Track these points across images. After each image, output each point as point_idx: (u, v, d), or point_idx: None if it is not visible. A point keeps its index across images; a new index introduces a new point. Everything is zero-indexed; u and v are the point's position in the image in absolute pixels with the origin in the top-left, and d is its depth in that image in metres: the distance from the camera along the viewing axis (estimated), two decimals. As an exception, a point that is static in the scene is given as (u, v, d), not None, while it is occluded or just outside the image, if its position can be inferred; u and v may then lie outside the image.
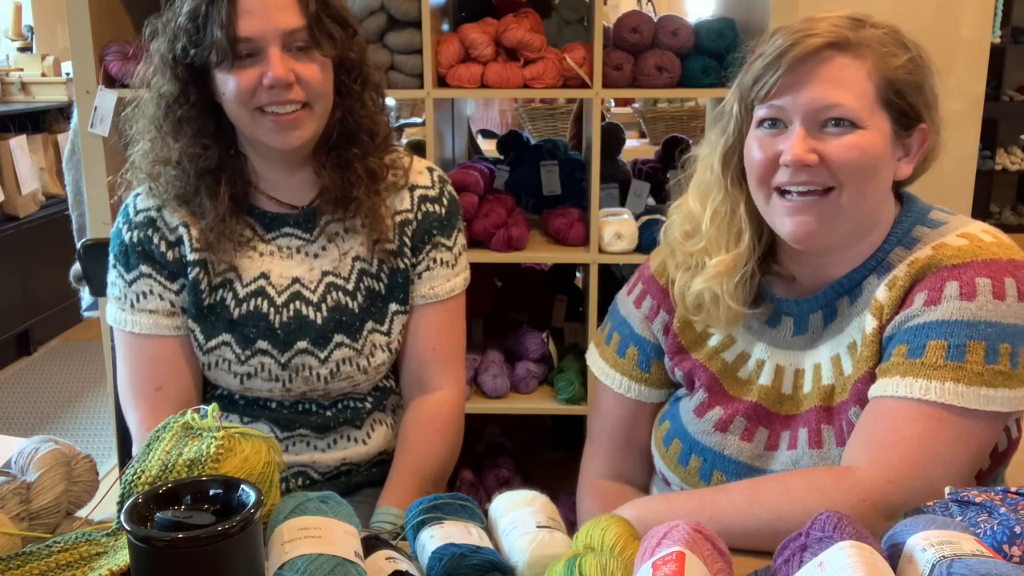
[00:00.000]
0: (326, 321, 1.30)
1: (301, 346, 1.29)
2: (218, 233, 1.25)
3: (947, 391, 0.96)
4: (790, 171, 1.02)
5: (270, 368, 1.28)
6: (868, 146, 1.01)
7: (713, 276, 1.12)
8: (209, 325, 1.29)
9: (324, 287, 1.31)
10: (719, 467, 1.13)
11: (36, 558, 0.84)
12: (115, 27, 2.11)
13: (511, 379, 2.23)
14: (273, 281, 1.30)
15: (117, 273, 1.30)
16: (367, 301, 1.32)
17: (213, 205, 1.24)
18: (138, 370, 1.29)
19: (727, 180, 1.12)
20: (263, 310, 1.29)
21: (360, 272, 1.32)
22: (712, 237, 1.13)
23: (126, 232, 1.30)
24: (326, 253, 1.31)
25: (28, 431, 3.27)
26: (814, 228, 1.03)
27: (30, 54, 4.54)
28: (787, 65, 1.01)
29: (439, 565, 0.83)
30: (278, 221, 1.31)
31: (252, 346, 1.28)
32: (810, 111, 1.01)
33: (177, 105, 1.23)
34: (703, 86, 2.07)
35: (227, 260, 1.28)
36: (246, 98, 1.18)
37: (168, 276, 1.29)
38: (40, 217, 4.14)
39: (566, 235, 2.16)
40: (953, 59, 3.10)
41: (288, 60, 1.18)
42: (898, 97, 1.03)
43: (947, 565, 0.69)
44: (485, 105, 4.19)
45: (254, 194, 1.31)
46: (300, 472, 1.33)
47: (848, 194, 1.02)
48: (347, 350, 1.31)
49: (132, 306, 1.29)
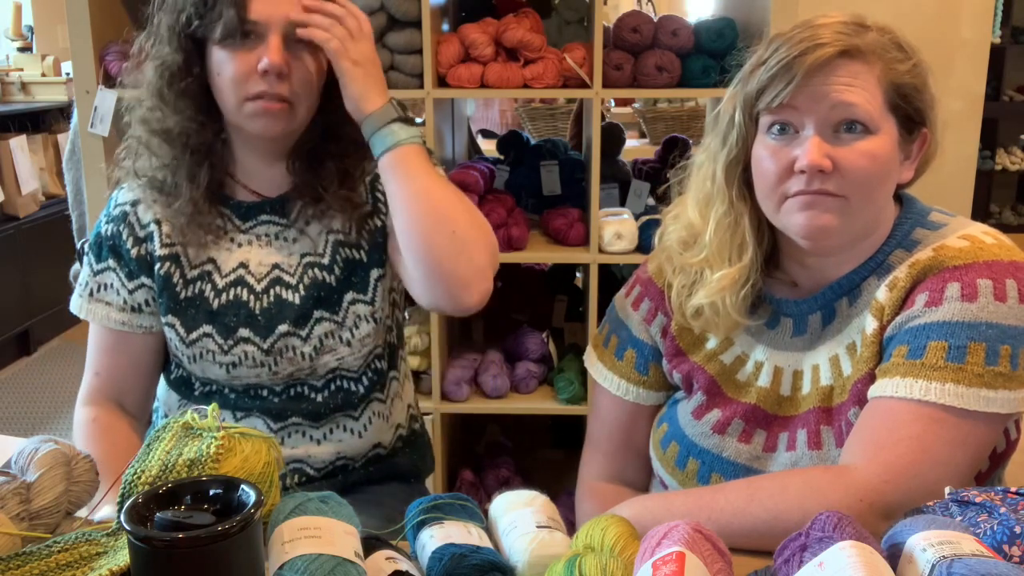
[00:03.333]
0: (304, 300, 1.30)
1: (282, 329, 1.29)
2: (188, 217, 1.26)
3: (947, 392, 0.96)
4: (806, 178, 1.01)
5: (254, 355, 1.29)
6: (879, 153, 1.01)
7: (717, 291, 1.11)
8: (189, 318, 1.30)
9: (302, 268, 1.32)
10: (717, 469, 1.13)
11: (36, 558, 0.84)
12: (115, 27, 2.11)
13: (511, 379, 2.23)
14: (252, 270, 1.31)
15: (88, 262, 1.35)
16: (345, 272, 1.32)
17: (189, 188, 1.26)
18: (89, 352, 1.36)
19: (732, 192, 1.10)
20: (243, 298, 1.30)
21: (336, 244, 1.32)
22: (715, 250, 1.11)
23: (104, 224, 1.34)
24: (304, 235, 1.32)
25: (28, 431, 3.27)
26: (827, 223, 1.02)
27: (30, 54, 4.54)
28: (800, 75, 1.00)
29: (439, 565, 0.83)
30: (254, 210, 1.32)
31: (234, 335, 1.29)
32: (823, 117, 1.01)
33: (180, 76, 1.23)
34: (703, 86, 2.07)
35: (204, 253, 1.30)
36: (239, 82, 1.19)
37: (128, 274, 1.32)
38: (40, 217, 4.15)
39: (566, 235, 2.17)
40: (953, 59, 3.10)
41: (285, 52, 1.19)
42: (904, 102, 1.03)
43: (947, 565, 0.69)
44: (485, 105, 4.19)
45: (230, 184, 1.32)
46: (296, 468, 1.34)
47: (858, 200, 1.02)
48: (328, 324, 1.31)
49: (91, 295, 1.33)
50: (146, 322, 1.33)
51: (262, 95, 1.19)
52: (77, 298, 1.35)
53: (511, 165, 2.61)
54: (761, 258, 1.12)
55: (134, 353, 1.35)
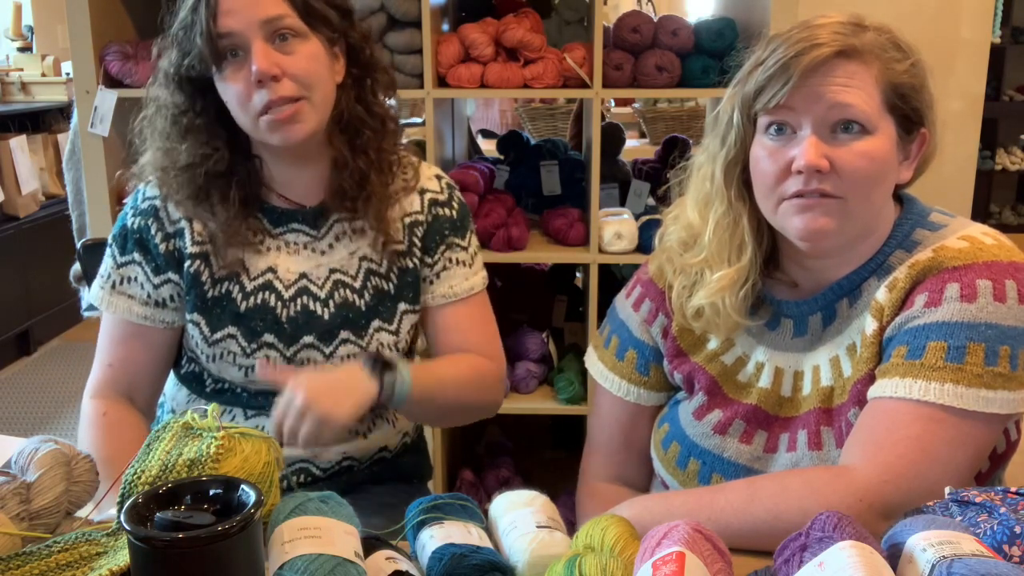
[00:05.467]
0: (332, 317, 1.30)
1: (307, 340, 1.29)
2: (227, 236, 1.26)
3: (946, 392, 0.96)
4: (803, 178, 1.01)
5: (275, 361, 1.29)
6: (877, 153, 1.01)
7: (716, 291, 1.11)
8: (215, 318, 1.29)
9: (331, 284, 1.31)
10: (718, 470, 1.13)
11: (36, 558, 0.84)
12: (115, 27, 2.12)
13: (511, 379, 2.23)
14: (280, 275, 1.30)
15: (111, 253, 1.33)
16: (375, 300, 1.32)
17: (224, 208, 1.25)
18: (101, 343, 1.34)
19: (731, 192, 1.11)
20: (271, 304, 1.29)
21: (368, 272, 1.32)
22: (714, 250, 1.12)
23: (130, 217, 1.32)
24: (333, 251, 1.32)
25: (28, 431, 3.27)
26: (824, 225, 1.02)
27: (30, 54, 4.54)
28: (797, 76, 1.00)
29: (439, 565, 0.83)
30: (286, 217, 1.31)
31: (258, 339, 1.29)
32: (820, 117, 1.01)
33: (183, 116, 1.23)
34: (703, 86, 2.07)
35: (235, 255, 1.29)
36: (243, 102, 1.18)
37: (155, 269, 1.30)
38: (40, 217, 4.14)
39: (566, 235, 2.17)
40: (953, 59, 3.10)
41: (272, 53, 1.17)
42: (902, 102, 1.03)
43: (947, 565, 0.69)
44: (485, 105, 4.19)
45: (266, 193, 1.31)
46: (301, 468, 1.33)
47: (855, 201, 1.02)
48: (352, 346, 1.31)
49: (113, 287, 1.31)
50: (169, 317, 1.32)
51: (269, 106, 1.17)
52: (98, 289, 1.33)
53: (511, 165, 2.61)
54: (761, 259, 1.12)
55: (152, 347, 1.33)
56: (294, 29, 1.19)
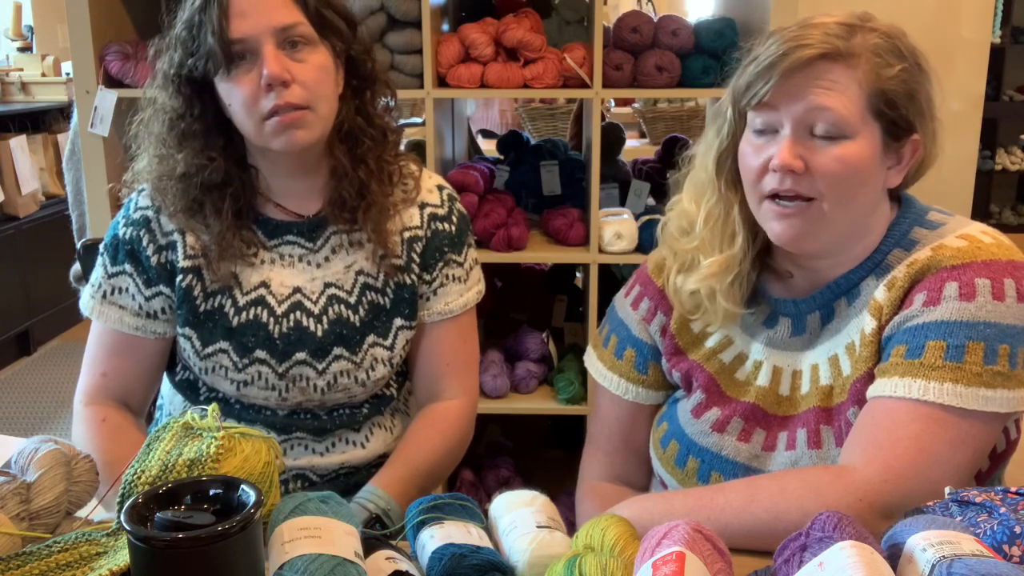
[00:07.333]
0: (326, 333, 1.29)
1: (299, 357, 1.28)
2: (220, 250, 1.25)
3: (945, 392, 0.96)
4: (778, 176, 1.02)
5: (267, 377, 1.28)
6: (853, 158, 1.01)
7: (706, 276, 1.12)
8: (206, 332, 1.28)
9: (326, 299, 1.30)
10: (717, 468, 1.13)
11: (36, 558, 0.84)
12: (115, 27, 2.12)
13: (511, 379, 2.23)
14: (274, 290, 1.29)
15: (102, 262, 1.32)
16: (370, 315, 1.31)
17: (218, 220, 1.24)
18: (93, 351, 1.34)
19: (721, 183, 1.12)
20: (263, 320, 1.28)
21: (363, 286, 1.31)
22: (706, 238, 1.13)
23: (122, 227, 1.30)
24: (329, 264, 1.30)
25: (28, 431, 3.27)
26: (800, 232, 1.04)
27: (30, 54, 4.54)
28: (778, 75, 1.01)
29: (439, 565, 0.83)
30: (282, 229, 1.30)
31: (250, 355, 1.27)
32: (799, 118, 1.01)
33: (181, 120, 1.22)
34: (703, 86, 2.07)
35: (227, 268, 1.27)
36: (250, 105, 1.17)
37: (146, 281, 1.29)
38: (40, 217, 4.15)
39: (566, 235, 2.17)
40: (953, 59, 3.10)
41: (283, 59, 1.16)
42: (889, 108, 1.02)
43: (947, 565, 0.69)
44: (485, 105, 4.19)
45: (262, 203, 1.30)
46: (299, 475, 1.33)
47: (830, 203, 1.02)
48: (345, 363, 1.30)
49: (104, 297, 1.30)
50: (160, 328, 1.31)
51: (276, 110, 1.16)
52: (88, 299, 1.32)
53: (511, 165, 2.61)
54: (753, 248, 1.13)
55: (145, 356, 1.32)
56: (306, 37, 1.18)
